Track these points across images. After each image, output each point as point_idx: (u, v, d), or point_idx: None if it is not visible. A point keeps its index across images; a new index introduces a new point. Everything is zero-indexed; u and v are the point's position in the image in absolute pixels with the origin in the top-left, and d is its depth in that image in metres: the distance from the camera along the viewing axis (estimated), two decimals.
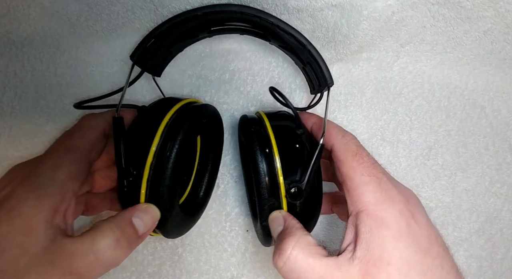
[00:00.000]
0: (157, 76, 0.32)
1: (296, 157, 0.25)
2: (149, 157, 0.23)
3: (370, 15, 0.30)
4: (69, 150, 0.26)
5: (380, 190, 0.23)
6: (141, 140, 0.24)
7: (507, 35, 0.34)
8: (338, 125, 0.28)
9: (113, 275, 0.34)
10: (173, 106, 0.26)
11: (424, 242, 0.22)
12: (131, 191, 0.24)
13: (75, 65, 0.35)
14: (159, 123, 0.24)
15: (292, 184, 0.24)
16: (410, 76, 0.38)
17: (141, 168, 0.23)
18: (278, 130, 0.26)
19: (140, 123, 0.26)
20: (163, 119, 0.24)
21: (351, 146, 0.25)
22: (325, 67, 0.27)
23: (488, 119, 0.38)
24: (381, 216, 0.22)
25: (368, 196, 0.23)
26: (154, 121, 0.25)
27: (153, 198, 0.24)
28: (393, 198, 0.23)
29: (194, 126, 0.26)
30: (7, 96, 0.34)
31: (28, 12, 0.31)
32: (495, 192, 0.38)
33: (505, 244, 0.37)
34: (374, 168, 0.24)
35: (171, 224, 0.26)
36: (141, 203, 0.24)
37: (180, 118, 0.25)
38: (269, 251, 0.35)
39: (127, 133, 0.25)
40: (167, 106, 0.26)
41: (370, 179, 0.23)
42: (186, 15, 0.27)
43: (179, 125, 0.24)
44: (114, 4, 0.30)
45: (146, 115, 0.26)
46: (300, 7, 0.29)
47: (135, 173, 0.23)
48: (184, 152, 0.24)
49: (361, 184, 0.23)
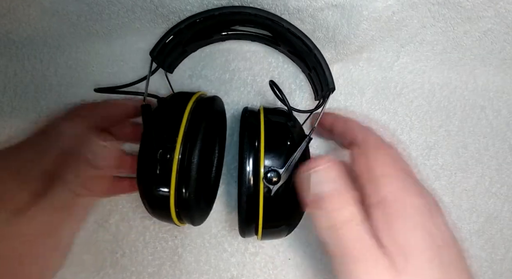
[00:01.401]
0: (170, 73, 0.33)
1: (282, 146, 0.26)
2: (178, 141, 0.25)
3: (370, 15, 0.30)
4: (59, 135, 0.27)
5: (398, 184, 0.23)
6: (168, 126, 0.26)
7: (507, 35, 0.34)
8: (359, 121, 0.29)
9: (113, 275, 0.34)
10: (192, 96, 0.28)
11: (438, 239, 0.22)
12: (163, 173, 0.25)
13: (75, 65, 0.35)
14: (183, 110, 0.26)
15: (271, 169, 0.25)
16: (410, 76, 0.38)
17: (171, 152, 0.25)
18: (270, 120, 0.27)
19: (164, 111, 0.28)
20: (187, 107, 0.27)
21: (370, 138, 0.26)
22: (328, 72, 0.28)
23: (488, 119, 0.38)
24: (399, 207, 0.22)
25: (386, 188, 0.23)
26: (178, 109, 0.27)
27: (182, 178, 0.25)
28: (412, 192, 0.23)
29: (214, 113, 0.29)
30: (7, 96, 0.34)
31: (28, 12, 0.31)
32: (495, 192, 0.38)
33: (505, 245, 0.37)
34: (394, 161, 0.25)
35: (198, 207, 0.28)
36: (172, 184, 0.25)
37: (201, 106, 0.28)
38: (269, 251, 0.35)
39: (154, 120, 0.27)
40: (187, 97, 0.28)
41: (389, 172, 0.24)
42: (203, 14, 0.28)
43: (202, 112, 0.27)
44: (114, 4, 0.30)
45: (168, 104, 0.28)
46: (300, 7, 0.29)
47: (168, 157, 0.25)
48: (208, 135, 0.26)
49: (380, 176, 0.23)
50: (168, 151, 0.25)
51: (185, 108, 0.27)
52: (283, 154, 0.26)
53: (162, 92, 0.35)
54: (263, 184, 0.25)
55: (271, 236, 0.29)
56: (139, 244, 0.35)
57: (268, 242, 0.36)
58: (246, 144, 0.26)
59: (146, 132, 0.26)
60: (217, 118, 0.32)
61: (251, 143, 0.26)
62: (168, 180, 0.25)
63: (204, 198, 0.32)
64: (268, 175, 0.25)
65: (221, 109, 0.33)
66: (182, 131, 0.25)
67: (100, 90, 0.28)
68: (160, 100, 0.29)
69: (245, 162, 0.25)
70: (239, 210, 0.26)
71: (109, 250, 0.35)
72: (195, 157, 0.25)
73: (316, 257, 0.35)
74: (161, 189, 0.26)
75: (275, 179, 0.25)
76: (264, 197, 0.25)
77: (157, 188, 0.26)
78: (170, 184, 0.25)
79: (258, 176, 0.25)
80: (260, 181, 0.25)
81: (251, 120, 0.28)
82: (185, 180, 0.25)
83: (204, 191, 0.31)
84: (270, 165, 0.25)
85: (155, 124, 0.26)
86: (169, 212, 0.26)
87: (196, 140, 0.25)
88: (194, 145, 0.25)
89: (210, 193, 0.34)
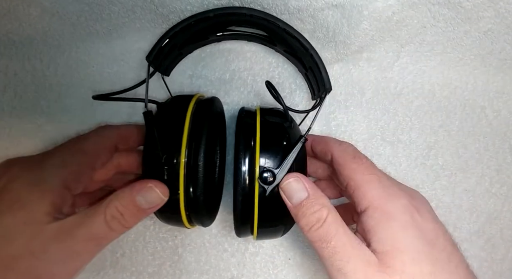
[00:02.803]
0: (166, 76, 0.33)
1: (277, 146, 0.26)
2: (182, 145, 0.25)
3: (370, 15, 0.30)
4: (79, 152, 0.27)
5: (381, 187, 0.24)
6: (171, 131, 0.26)
7: (507, 35, 0.34)
8: (334, 137, 0.30)
9: (113, 275, 0.34)
10: (191, 99, 0.28)
11: (430, 235, 0.22)
12: (170, 178, 0.25)
13: (75, 65, 0.35)
14: (185, 113, 0.27)
15: (266, 169, 0.25)
16: (410, 76, 0.38)
17: (177, 156, 0.25)
18: (266, 121, 0.27)
19: (165, 116, 0.27)
20: (188, 110, 0.27)
21: (348, 150, 0.27)
22: (324, 72, 0.28)
23: (488, 119, 0.38)
24: (386, 209, 0.23)
25: (371, 193, 0.24)
26: (179, 113, 0.27)
27: (190, 182, 0.25)
28: (395, 193, 0.24)
29: (215, 115, 0.30)
30: (7, 96, 0.34)
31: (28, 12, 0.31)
32: (495, 192, 0.38)
33: (505, 245, 0.37)
34: (373, 168, 0.26)
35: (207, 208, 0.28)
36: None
37: (202, 108, 0.28)
38: (269, 251, 0.35)
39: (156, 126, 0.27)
40: (186, 100, 0.28)
41: (371, 177, 0.25)
42: (199, 16, 0.28)
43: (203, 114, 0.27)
44: (114, 4, 0.30)
45: (168, 109, 0.28)
46: (300, 7, 0.29)
47: (175, 161, 0.25)
48: (211, 136, 0.27)
49: (363, 183, 0.24)
50: (173, 155, 0.25)
51: (186, 111, 0.27)
52: (278, 154, 0.26)
53: (160, 94, 0.35)
54: (258, 184, 0.25)
55: (266, 236, 0.29)
56: (139, 244, 0.35)
57: (268, 242, 0.36)
58: (242, 144, 0.26)
59: (149, 138, 0.26)
60: (217, 119, 0.33)
61: (246, 143, 0.26)
62: (176, 184, 0.25)
63: (212, 198, 0.32)
64: (263, 175, 0.25)
65: (220, 110, 0.33)
66: (186, 135, 0.26)
67: (98, 98, 0.27)
68: (160, 106, 0.29)
69: (240, 162, 0.26)
70: (234, 210, 0.26)
71: (109, 250, 0.35)
72: (201, 159, 0.25)
73: (316, 257, 0.35)
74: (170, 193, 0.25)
75: (270, 179, 0.25)
76: (259, 197, 0.25)
77: None
78: (179, 187, 0.25)
79: (253, 176, 0.25)
80: (255, 181, 0.25)
81: (247, 120, 0.28)
82: (193, 182, 0.25)
83: (211, 192, 0.32)
84: (265, 165, 0.25)
85: (158, 130, 0.26)
86: (180, 216, 0.26)
87: (200, 142, 0.26)
88: (198, 147, 0.25)
89: (217, 193, 0.34)
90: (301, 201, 0.24)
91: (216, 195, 0.34)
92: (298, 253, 0.36)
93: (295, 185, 0.25)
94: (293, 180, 0.25)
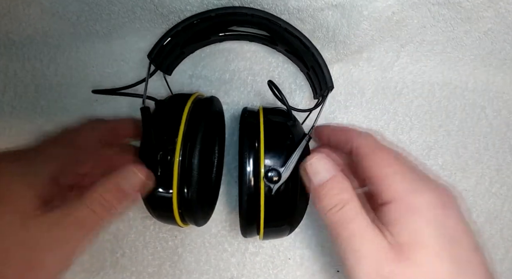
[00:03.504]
0: (168, 75, 0.33)
1: (281, 145, 0.26)
2: (178, 143, 0.25)
3: (370, 15, 0.30)
4: (67, 145, 0.27)
5: (406, 181, 0.23)
6: (167, 128, 0.26)
7: (507, 35, 0.34)
8: (354, 127, 0.29)
9: (113, 275, 0.34)
10: (189, 97, 0.28)
11: (454, 233, 0.22)
12: (164, 175, 0.25)
13: (75, 65, 0.35)
14: (181, 112, 0.27)
15: (271, 168, 0.25)
16: (410, 76, 0.38)
17: (171, 154, 0.25)
18: (269, 120, 0.27)
19: (162, 114, 0.28)
20: (185, 108, 0.27)
21: (370, 141, 0.26)
22: (326, 71, 0.28)
23: (488, 119, 0.38)
24: (411, 203, 0.22)
25: (395, 186, 0.23)
26: (176, 111, 0.27)
27: (184, 179, 0.25)
28: (421, 188, 0.23)
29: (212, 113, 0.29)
30: (7, 96, 0.34)
31: (28, 12, 0.31)
32: (495, 192, 0.38)
33: (505, 245, 0.37)
34: (397, 159, 0.25)
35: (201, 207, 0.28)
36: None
37: (199, 107, 0.28)
38: (269, 251, 0.35)
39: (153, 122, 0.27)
40: (184, 98, 0.28)
41: (395, 169, 0.24)
42: (200, 15, 0.28)
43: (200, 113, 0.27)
44: (114, 4, 0.30)
45: (166, 106, 0.28)
46: (300, 7, 0.29)
47: (169, 158, 0.25)
48: (207, 135, 0.27)
49: (387, 175, 0.24)
50: (168, 152, 0.25)
51: (183, 109, 0.27)
52: (283, 153, 0.26)
53: (161, 93, 0.35)
54: (263, 183, 0.25)
55: (273, 235, 0.29)
56: (139, 244, 0.35)
57: (268, 242, 0.36)
58: (246, 144, 0.26)
59: (146, 135, 0.26)
60: (215, 119, 0.33)
61: (251, 143, 0.26)
62: (170, 181, 0.25)
63: (206, 198, 0.32)
64: (269, 174, 0.25)
65: (219, 109, 0.33)
66: (181, 133, 0.26)
67: (98, 92, 0.28)
68: (158, 103, 0.29)
69: (245, 162, 0.26)
70: (240, 210, 0.26)
71: (109, 250, 0.35)
72: (196, 158, 0.25)
73: (316, 257, 0.35)
74: (163, 190, 0.26)
75: (275, 178, 0.25)
76: (265, 196, 0.25)
77: (159, 190, 0.26)
78: (172, 185, 0.25)
79: (258, 175, 0.25)
80: (261, 180, 0.25)
81: (250, 120, 0.28)
82: (186, 181, 0.25)
83: (205, 191, 0.31)
84: (270, 164, 0.25)
85: (154, 127, 0.26)
86: (172, 214, 0.26)
87: (195, 141, 0.25)
88: (194, 146, 0.25)
89: (212, 193, 0.34)
90: (324, 181, 0.24)
91: (211, 194, 0.33)
92: (298, 253, 0.36)
93: (319, 165, 0.24)
94: (316, 159, 0.25)
